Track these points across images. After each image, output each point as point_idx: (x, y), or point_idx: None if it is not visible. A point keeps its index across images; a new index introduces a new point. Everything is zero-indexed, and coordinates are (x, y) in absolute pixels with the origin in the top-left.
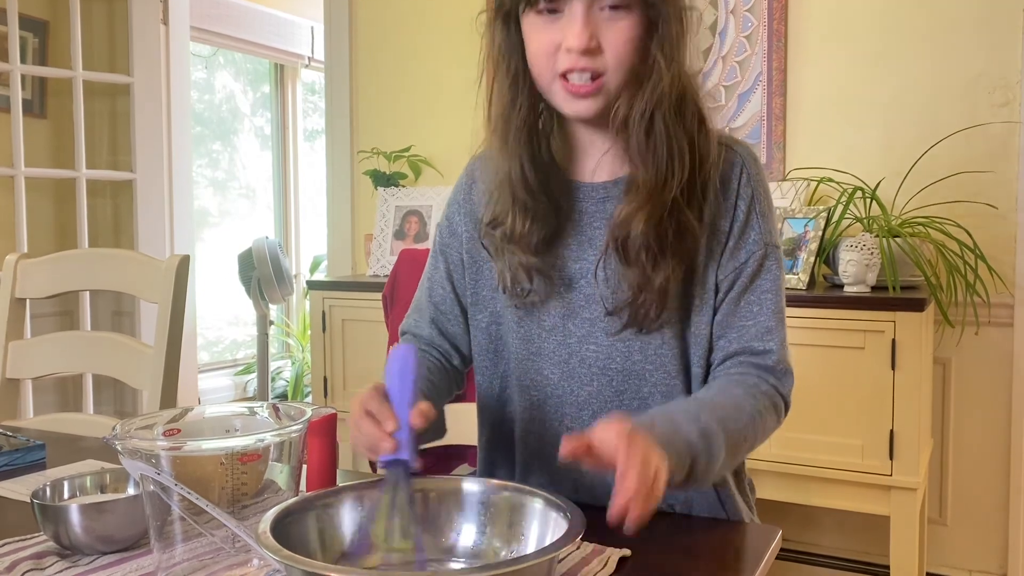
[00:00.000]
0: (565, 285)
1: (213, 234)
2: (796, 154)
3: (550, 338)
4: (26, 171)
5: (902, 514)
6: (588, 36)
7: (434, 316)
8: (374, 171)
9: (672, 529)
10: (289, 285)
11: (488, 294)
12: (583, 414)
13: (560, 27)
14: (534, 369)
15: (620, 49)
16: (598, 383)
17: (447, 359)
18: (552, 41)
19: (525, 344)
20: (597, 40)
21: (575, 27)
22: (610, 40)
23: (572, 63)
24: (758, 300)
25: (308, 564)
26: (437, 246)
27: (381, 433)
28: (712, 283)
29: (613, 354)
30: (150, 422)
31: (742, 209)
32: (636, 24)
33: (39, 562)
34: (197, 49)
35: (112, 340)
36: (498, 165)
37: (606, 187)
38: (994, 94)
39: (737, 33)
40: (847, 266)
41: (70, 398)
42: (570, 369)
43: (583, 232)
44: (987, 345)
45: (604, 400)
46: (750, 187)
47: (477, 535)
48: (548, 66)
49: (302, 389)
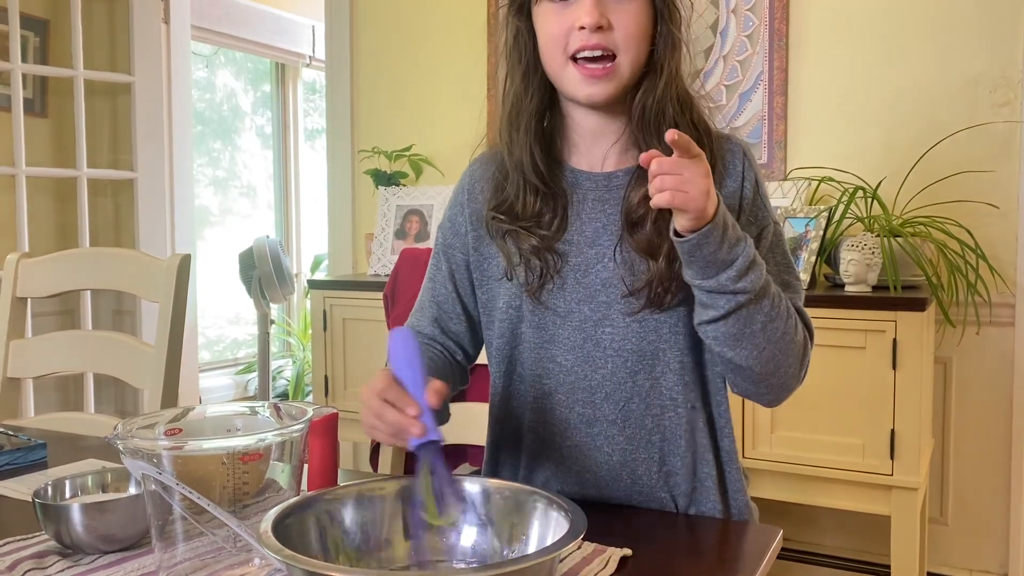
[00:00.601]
0: (582, 270)
1: (214, 233)
2: (797, 153)
3: (565, 323)
4: (27, 170)
5: (903, 514)
6: (599, 13)
7: (437, 315)
8: (375, 170)
9: (673, 529)
10: (290, 284)
11: (499, 287)
12: (595, 397)
13: (571, 11)
14: (547, 357)
15: (630, 28)
16: (612, 365)
17: (451, 354)
18: (563, 25)
19: (539, 332)
20: (607, 19)
21: (586, 5)
22: (620, 20)
23: (584, 40)
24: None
25: (309, 564)
26: (439, 247)
27: (407, 419)
28: None
29: (628, 335)
30: (151, 421)
31: (748, 189)
32: (644, 8)
33: (40, 561)
34: (198, 48)
35: (113, 339)
36: (511, 149)
37: (616, 176)
38: (995, 93)
39: (738, 32)
40: (848, 266)
41: (71, 397)
42: (585, 353)
43: (597, 219)
44: (988, 345)
45: (617, 382)
46: (752, 171)
47: (478, 535)
48: (560, 49)
49: (303, 388)
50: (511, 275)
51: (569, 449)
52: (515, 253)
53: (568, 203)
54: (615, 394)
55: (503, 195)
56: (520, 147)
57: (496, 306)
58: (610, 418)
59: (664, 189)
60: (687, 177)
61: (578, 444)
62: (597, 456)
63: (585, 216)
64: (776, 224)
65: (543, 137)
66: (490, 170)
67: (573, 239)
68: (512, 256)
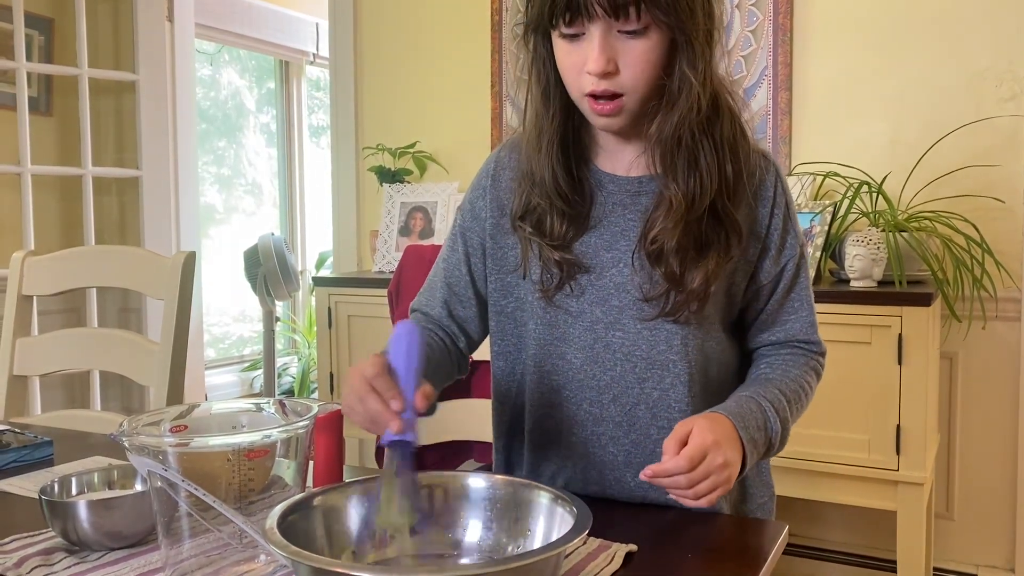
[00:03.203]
0: (596, 273)
1: (219, 231)
2: (802, 148)
3: (576, 323)
4: (32, 169)
5: (909, 509)
6: (605, 60)
7: (447, 298)
8: (379, 167)
9: (678, 524)
10: (295, 281)
11: (513, 280)
12: (603, 398)
13: (583, 49)
14: (556, 354)
15: (637, 70)
16: (621, 368)
17: (453, 340)
18: (576, 63)
19: (549, 329)
20: (615, 63)
21: (593, 52)
22: (628, 61)
23: (593, 86)
24: (799, 297)
25: (315, 560)
26: (457, 228)
27: (388, 413)
28: (742, 283)
29: (639, 341)
30: (157, 418)
31: (779, 217)
32: (655, 45)
33: (47, 558)
34: (202, 46)
35: (119, 337)
36: (533, 168)
37: (641, 181)
38: (1001, 87)
39: (743, 27)
40: (853, 261)
41: (77, 395)
42: (594, 354)
43: (616, 223)
44: (994, 339)
45: (626, 386)
46: (784, 196)
47: (483, 530)
48: (575, 85)
49: (308, 385)
50: (526, 273)
51: (575, 444)
52: (535, 256)
53: (592, 205)
54: (622, 397)
55: (530, 204)
56: (543, 167)
57: (507, 297)
58: (616, 420)
59: (701, 495)
60: (710, 470)
61: (584, 439)
62: (603, 455)
63: (606, 220)
64: (802, 248)
65: (567, 153)
66: (515, 158)
67: (591, 240)
68: (531, 258)
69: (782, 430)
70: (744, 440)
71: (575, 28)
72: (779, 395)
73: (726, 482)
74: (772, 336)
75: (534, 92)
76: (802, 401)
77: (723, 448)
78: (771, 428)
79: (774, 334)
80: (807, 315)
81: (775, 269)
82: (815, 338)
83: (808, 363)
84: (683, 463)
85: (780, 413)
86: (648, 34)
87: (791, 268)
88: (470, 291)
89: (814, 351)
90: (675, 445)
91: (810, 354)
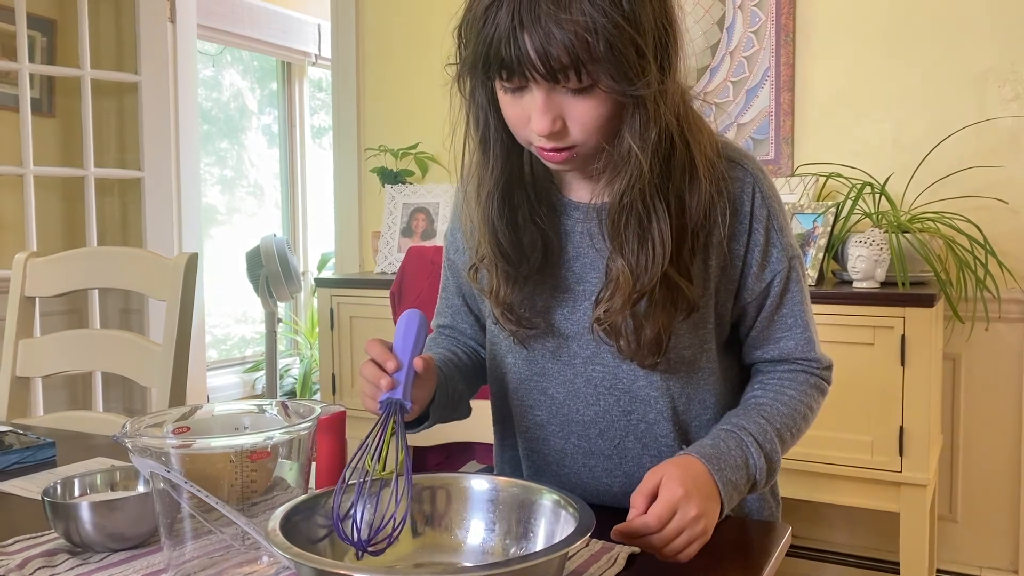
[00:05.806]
0: (569, 307)
1: (221, 232)
2: (804, 149)
3: (555, 359)
4: (35, 170)
5: (912, 510)
6: (551, 120)
7: (452, 323)
8: (381, 168)
9: None
10: (297, 282)
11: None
12: (590, 432)
13: (526, 103)
14: (538, 389)
15: (587, 125)
16: (605, 403)
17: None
18: (521, 116)
19: (528, 365)
20: (562, 120)
21: (537, 113)
22: (575, 118)
23: (541, 143)
24: (791, 313)
25: (317, 561)
26: (445, 260)
27: (380, 372)
28: (727, 302)
29: (620, 375)
30: (159, 420)
31: (759, 232)
32: (604, 102)
33: (50, 559)
34: (204, 47)
35: (121, 338)
36: (473, 222)
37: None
38: (1004, 88)
39: (745, 28)
40: (856, 262)
41: (79, 396)
42: (575, 389)
43: (584, 255)
44: (997, 341)
45: (612, 419)
46: (765, 207)
47: (486, 532)
48: (522, 135)
49: (311, 386)
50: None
51: (568, 475)
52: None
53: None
54: (609, 431)
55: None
56: (483, 221)
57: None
58: (606, 453)
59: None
60: (682, 525)
61: (577, 471)
62: (598, 485)
63: (572, 251)
64: (796, 259)
65: (512, 201)
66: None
67: (561, 274)
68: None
69: (767, 464)
70: (720, 484)
71: (515, 83)
72: (765, 425)
73: (702, 534)
74: (766, 354)
75: (472, 139)
76: (798, 424)
77: (694, 500)
78: (753, 465)
79: (767, 352)
80: (801, 332)
81: (759, 286)
82: (813, 355)
83: (808, 380)
84: (652, 522)
85: (765, 447)
86: (595, 91)
87: (778, 283)
88: (470, 317)
89: (814, 368)
90: (643, 500)
91: (810, 370)
